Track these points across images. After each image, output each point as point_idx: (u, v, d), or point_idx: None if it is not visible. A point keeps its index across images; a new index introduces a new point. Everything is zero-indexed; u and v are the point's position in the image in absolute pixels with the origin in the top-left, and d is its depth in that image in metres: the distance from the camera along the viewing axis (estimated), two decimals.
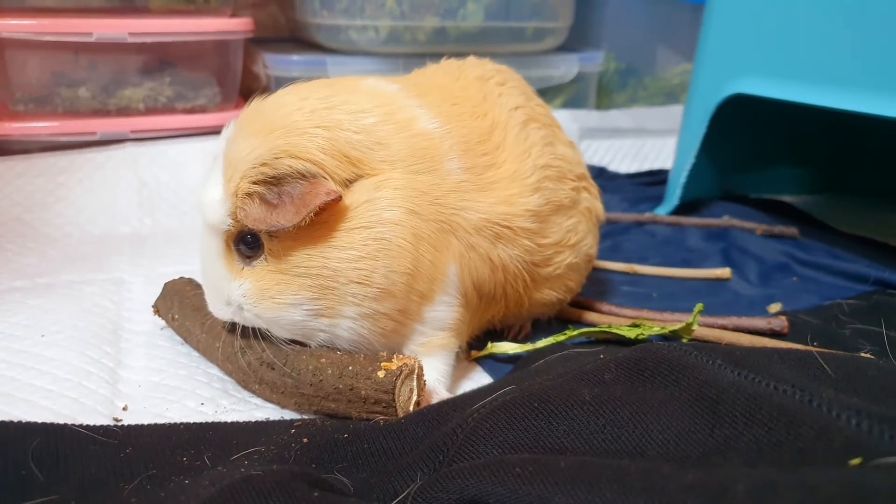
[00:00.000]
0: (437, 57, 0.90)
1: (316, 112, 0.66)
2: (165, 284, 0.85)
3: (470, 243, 0.71)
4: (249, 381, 0.71)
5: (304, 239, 0.65)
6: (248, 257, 0.67)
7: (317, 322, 0.67)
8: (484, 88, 0.81)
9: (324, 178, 0.64)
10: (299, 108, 0.66)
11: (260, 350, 0.70)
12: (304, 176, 0.63)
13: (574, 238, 0.82)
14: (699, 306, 0.81)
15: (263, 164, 0.63)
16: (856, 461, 0.39)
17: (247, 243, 0.67)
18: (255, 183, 0.63)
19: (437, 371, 0.73)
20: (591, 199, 0.88)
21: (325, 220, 0.64)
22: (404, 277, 0.66)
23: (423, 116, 0.72)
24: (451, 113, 0.75)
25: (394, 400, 0.65)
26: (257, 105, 0.70)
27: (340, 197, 0.63)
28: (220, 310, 0.70)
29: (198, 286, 0.82)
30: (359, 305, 0.66)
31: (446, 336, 0.73)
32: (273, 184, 0.63)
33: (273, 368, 0.69)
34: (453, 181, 0.70)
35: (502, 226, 0.73)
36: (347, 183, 0.66)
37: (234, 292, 0.68)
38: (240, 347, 0.71)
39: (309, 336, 0.69)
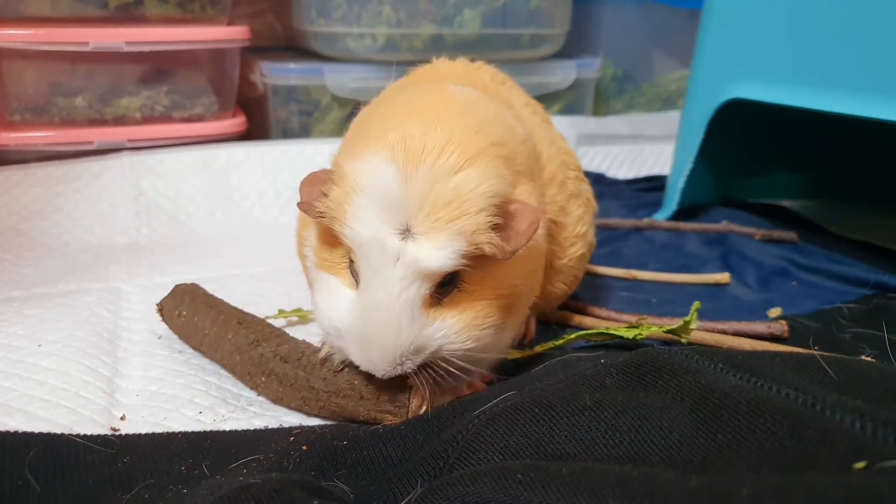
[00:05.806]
0: None
1: (486, 127, 0.63)
2: (176, 286, 0.86)
3: None
4: (256, 372, 0.71)
5: (500, 261, 0.62)
6: (440, 297, 0.61)
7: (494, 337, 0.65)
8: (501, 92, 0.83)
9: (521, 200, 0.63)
10: (483, 124, 0.63)
11: (276, 344, 0.72)
12: (507, 200, 0.61)
13: (583, 228, 0.83)
14: (696, 304, 0.81)
15: (494, 195, 0.59)
16: (860, 465, 0.38)
17: (443, 283, 0.61)
18: (492, 216, 0.59)
19: None
20: (589, 191, 0.89)
21: None
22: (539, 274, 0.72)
23: (516, 122, 0.71)
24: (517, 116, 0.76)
25: (409, 399, 0.64)
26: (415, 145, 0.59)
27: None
28: (398, 363, 0.60)
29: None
30: (522, 310, 0.71)
31: None
32: (500, 211, 0.60)
33: (286, 362, 0.69)
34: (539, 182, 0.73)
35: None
36: None
37: (435, 334, 0.61)
38: (254, 339, 0.73)
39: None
